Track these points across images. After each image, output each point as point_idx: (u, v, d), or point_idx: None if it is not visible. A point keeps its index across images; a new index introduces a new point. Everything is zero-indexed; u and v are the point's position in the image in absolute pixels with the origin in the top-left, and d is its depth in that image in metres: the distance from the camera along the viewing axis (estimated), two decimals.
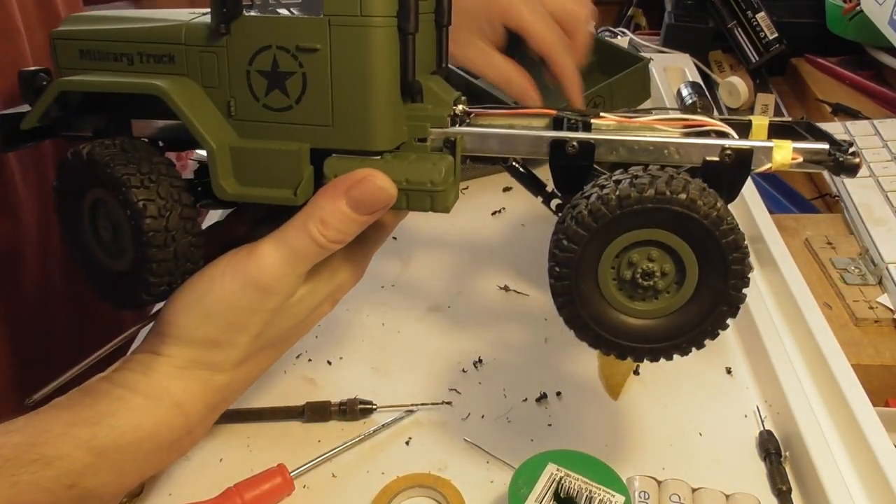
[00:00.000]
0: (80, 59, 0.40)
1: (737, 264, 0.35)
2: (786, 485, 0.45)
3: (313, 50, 0.37)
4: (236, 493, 0.45)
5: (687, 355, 0.38)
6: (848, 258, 0.63)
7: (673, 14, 1.02)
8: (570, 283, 0.36)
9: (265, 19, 0.37)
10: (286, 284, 0.39)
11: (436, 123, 0.40)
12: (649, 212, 0.34)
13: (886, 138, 0.74)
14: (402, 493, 0.45)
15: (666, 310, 0.37)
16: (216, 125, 0.38)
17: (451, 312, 0.60)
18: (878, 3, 0.82)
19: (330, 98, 0.37)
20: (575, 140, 0.38)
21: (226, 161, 0.39)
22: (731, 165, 0.37)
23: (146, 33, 0.39)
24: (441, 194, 0.38)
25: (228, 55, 0.38)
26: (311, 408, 0.51)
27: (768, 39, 0.93)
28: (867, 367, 0.54)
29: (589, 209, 0.35)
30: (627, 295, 0.37)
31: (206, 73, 0.39)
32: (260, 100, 0.38)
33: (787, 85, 0.96)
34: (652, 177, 0.35)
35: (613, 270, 0.37)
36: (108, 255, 0.40)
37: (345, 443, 0.49)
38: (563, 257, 0.36)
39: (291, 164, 0.38)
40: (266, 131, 0.39)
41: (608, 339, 0.37)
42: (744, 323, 0.57)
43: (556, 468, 0.40)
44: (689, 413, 0.51)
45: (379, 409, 0.51)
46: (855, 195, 0.68)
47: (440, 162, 0.39)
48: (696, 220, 0.34)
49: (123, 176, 0.37)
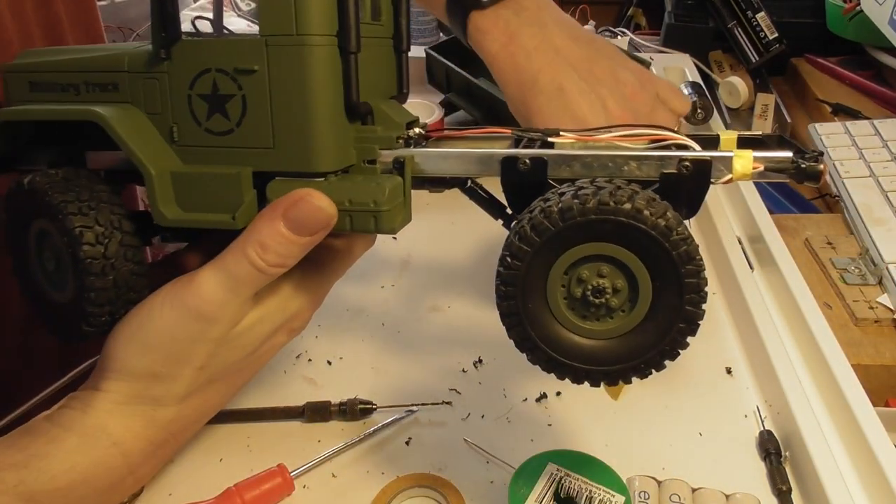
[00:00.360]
0: (31, 91, 0.41)
1: (691, 277, 0.33)
2: (786, 485, 0.45)
3: (251, 71, 0.36)
4: (236, 494, 0.45)
5: (646, 378, 0.35)
6: (848, 258, 0.63)
7: (673, 14, 1.02)
8: (516, 302, 0.35)
9: (204, 42, 0.37)
10: (228, 312, 0.37)
11: (384, 145, 0.39)
12: (594, 224, 0.33)
13: (886, 138, 0.74)
14: (402, 493, 0.45)
15: (620, 329, 0.35)
16: (157, 151, 0.38)
17: (451, 312, 0.60)
18: (878, 3, 0.82)
19: (270, 120, 0.37)
20: (527, 157, 0.37)
21: (166, 187, 0.38)
22: (690, 177, 0.36)
23: (91, 62, 0.39)
24: (386, 214, 0.37)
25: (170, 80, 0.38)
26: (311, 408, 0.51)
27: (768, 39, 0.93)
28: (867, 367, 0.54)
29: (531, 223, 0.33)
30: (579, 314, 0.35)
31: (148, 99, 0.38)
32: (202, 124, 0.38)
33: (788, 85, 0.96)
34: (597, 188, 0.33)
35: (563, 289, 0.35)
36: (53, 286, 0.40)
37: (345, 443, 0.49)
38: (508, 275, 0.35)
39: (233, 188, 0.37)
40: (209, 156, 0.38)
41: (561, 361, 0.35)
42: (744, 323, 0.57)
43: (556, 468, 0.40)
44: (689, 413, 0.51)
45: (379, 409, 0.51)
46: (855, 195, 0.68)
47: (386, 182, 0.37)
48: (644, 230, 0.32)
49: (61, 203, 0.37)
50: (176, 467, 0.49)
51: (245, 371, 0.42)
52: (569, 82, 0.49)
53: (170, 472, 0.48)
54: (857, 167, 0.72)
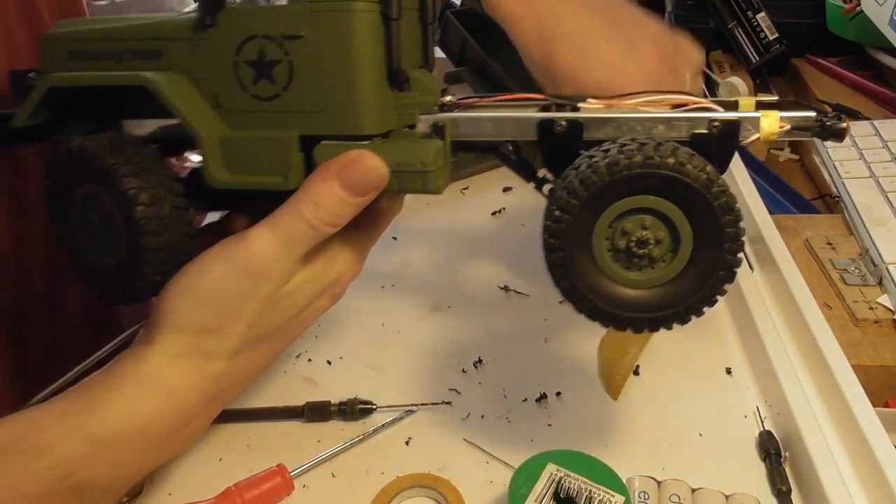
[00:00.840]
0: (69, 60, 0.41)
1: (730, 227, 0.35)
2: (785, 485, 0.45)
3: (298, 37, 0.37)
4: (236, 493, 0.45)
5: (686, 323, 0.37)
6: (848, 258, 0.63)
7: (673, 14, 1.02)
8: (563, 254, 0.36)
9: (250, 9, 0.37)
10: (279, 270, 0.38)
11: (424, 110, 0.40)
12: (639, 178, 0.34)
13: (886, 139, 0.74)
14: (401, 493, 0.45)
15: (662, 278, 0.37)
16: (203, 115, 0.38)
17: (451, 312, 0.60)
18: (878, 4, 0.82)
19: (317, 84, 0.37)
20: (563, 119, 0.38)
21: (215, 150, 0.39)
22: (719, 137, 0.37)
23: (134, 30, 0.39)
24: (432, 175, 0.38)
25: (215, 47, 0.38)
26: (311, 408, 0.51)
27: (768, 40, 0.92)
28: (867, 368, 0.54)
29: (579, 178, 0.35)
30: (623, 265, 0.37)
31: (193, 66, 0.39)
32: (248, 90, 0.38)
33: (788, 85, 0.96)
34: (641, 144, 0.34)
35: (608, 241, 0.36)
36: (102, 251, 0.40)
37: (345, 443, 0.49)
38: (556, 228, 0.36)
39: (281, 152, 0.38)
40: (255, 121, 0.38)
41: (606, 310, 0.37)
42: (744, 323, 0.57)
43: (555, 468, 0.40)
44: (689, 413, 0.51)
45: (379, 409, 0.51)
46: (855, 195, 0.68)
47: (430, 144, 0.39)
48: (687, 183, 0.34)
49: (113, 165, 0.37)
50: (176, 467, 0.49)
51: (289, 333, 0.42)
52: (595, 26, 0.47)
53: (169, 471, 0.48)
54: (857, 167, 0.72)
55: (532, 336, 0.58)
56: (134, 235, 0.38)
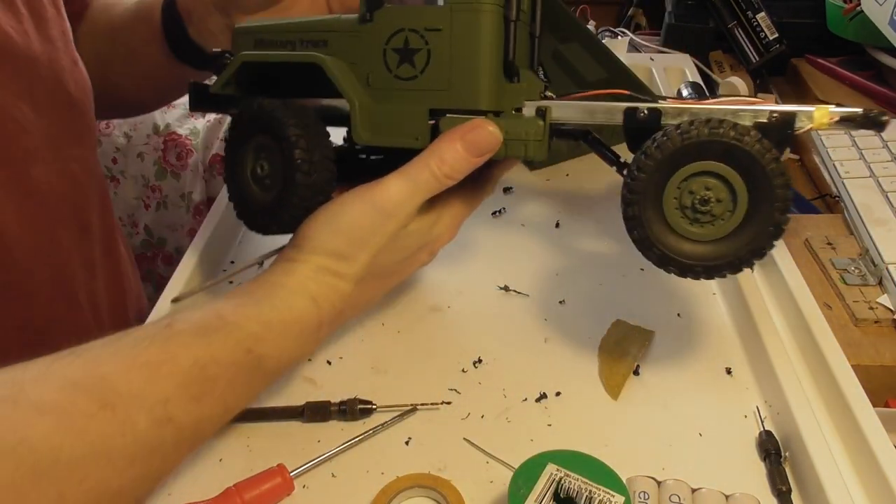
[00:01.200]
0: (255, 46, 0.52)
1: (781, 188, 0.41)
2: (786, 485, 0.45)
3: (438, 30, 0.46)
4: (236, 494, 0.45)
5: (738, 272, 0.44)
6: (848, 258, 0.63)
7: (673, 14, 1.02)
8: (638, 207, 0.43)
9: (400, 8, 0.47)
10: (404, 212, 0.46)
11: (529, 97, 0.48)
12: (705, 145, 0.41)
13: (886, 138, 0.74)
14: (401, 493, 0.45)
15: (721, 233, 0.43)
16: (357, 90, 0.49)
17: (451, 312, 0.60)
18: (878, 4, 0.82)
19: (448, 68, 0.47)
20: (645, 108, 0.45)
21: (365, 116, 0.49)
22: (777, 125, 0.43)
23: (308, 25, 0.50)
24: (534, 144, 0.47)
25: (370, 37, 0.48)
26: (311, 408, 0.51)
27: (768, 39, 0.93)
28: (867, 368, 0.54)
29: (655, 144, 0.42)
30: (688, 220, 0.43)
31: (351, 52, 0.49)
32: (392, 71, 0.48)
33: (788, 85, 0.96)
34: (707, 119, 0.41)
35: (676, 200, 0.43)
36: (262, 189, 0.50)
37: (345, 443, 0.49)
38: (634, 184, 0.43)
39: (415, 121, 0.48)
40: (395, 96, 0.48)
41: (671, 257, 0.44)
42: (744, 323, 0.57)
43: (555, 468, 0.40)
44: (689, 413, 0.51)
45: (379, 409, 0.51)
46: (855, 195, 0.68)
47: (534, 120, 0.47)
48: (745, 150, 0.40)
49: (283, 118, 0.47)
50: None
51: (393, 277, 0.51)
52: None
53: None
54: (857, 167, 0.72)
55: (532, 336, 0.58)
56: (290, 173, 0.47)
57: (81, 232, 0.66)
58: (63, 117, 0.63)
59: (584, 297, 0.51)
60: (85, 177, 0.67)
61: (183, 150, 1.26)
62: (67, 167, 0.64)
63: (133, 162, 1.29)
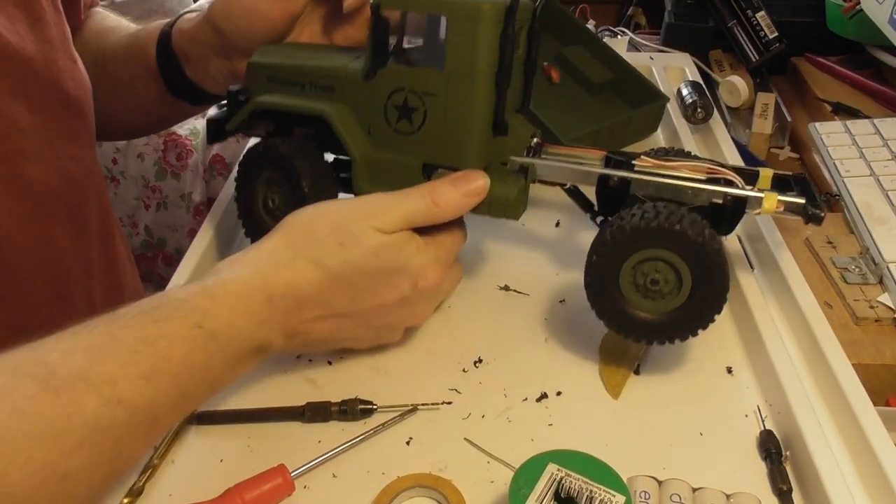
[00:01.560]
0: (267, 82, 0.56)
1: (721, 275, 0.47)
2: (786, 484, 0.45)
3: (434, 94, 0.50)
4: (237, 494, 0.45)
5: (686, 340, 0.50)
6: (848, 257, 0.63)
7: (673, 13, 1.02)
8: (598, 284, 0.49)
9: (402, 69, 0.51)
10: (388, 217, 0.48)
11: (516, 150, 0.53)
12: (653, 236, 0.46)
13: (887, 137, 0.74)
14: (402, 493, 0.45)
15: (669, 307, 0.49)
16: (359, 140, 0.53)
17: (451, 312, 0.60)
18: (878, 2, 0.82)
19: (441, 129, 0.51)
20: (616, 176, 0.51)
21: (364, 169, 0.54)
22: (731, 208, 0.50)
23: (315, 69, 0.54)
24: (513, 208, 0.52)
25: (373, 91, 0.52)
26: (312, 408, 0.51)
27: (768, 38, 0.92)
28: (868, 367, 0.54)
29: (611, 233, 0.47)
30: (641, 295, 0.49)
31: (356, 101, 0.53)
32: (391, 125, 0.52)
33: (788, 84, 0.96)
34: (657, 212, 0.46)
35: (631, 278, 0.49)
36: (273, 219, 0.56)
37: (345, 443, 0.49)
38: (594, 265, 0.49)
39: (410, 173, 0.52)
40: (393, 147, 0.53)
41: (628, 326, 0.50)
42: (744, 323, 0.57)
43: (556, 468, 0.40)
44: (689, 413, 0.51)
45: (379, 409, 0.51)
46: (855, 194, 0.68)
47: (515, 184, 0.52)
48: (690, 241, 0.46)
49: (295, 158, 0.53)
50: (176, 468, 0.49)
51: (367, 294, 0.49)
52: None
53: (170, 472, 0.48)
54: (857, 166, 0.72)
55: (532, 336, 0.58)
56: (298, 201, 0.53)
57: (78, 231, 0.66)
58: (59, 116, 0.63)
59: (584, 296, 0.51)
60: (82, 176, 0.66)
61: (183, 151, 1.26)
62: (64, 166, 0.63)
63: (133, 162, 1.29)
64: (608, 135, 0.75)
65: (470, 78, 0.49)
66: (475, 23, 0.47)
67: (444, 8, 0.48)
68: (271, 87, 0.55)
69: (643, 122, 0.79)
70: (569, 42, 0.84)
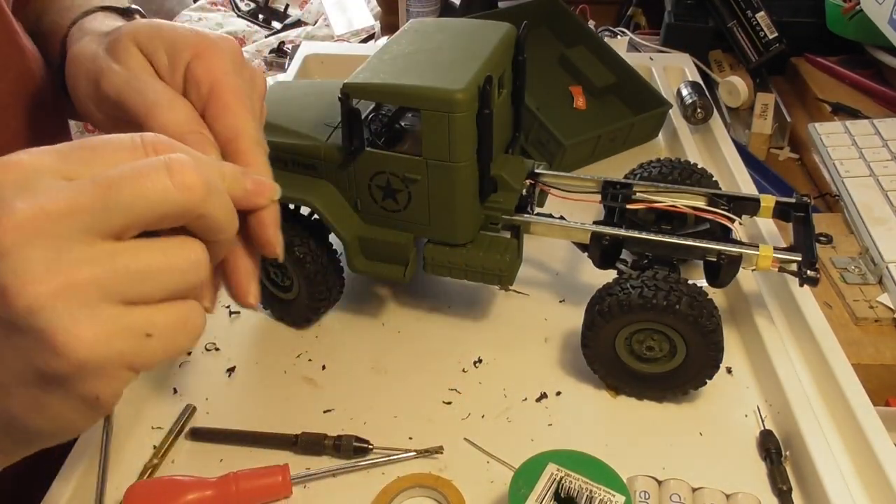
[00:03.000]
0: None
1: (716, 345, 0.48)
2: (786, 484, 0.45)
3: (415, 180, 0.49)
4: (233, 480, 0.45)
5: (675, 396, 0.51)
6: (848, 257, 0.63)
7: (673, 14, 1.02)
8: (593, 350, 0.51)
9: (380, 154, 0.49)
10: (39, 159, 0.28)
11: (505, 212, 0.53)
12: (653, 310, 0.47)
13: (886, 137, 0.74)
14: (402, 493, 0.45)
15: (663, 370, 0.50)
16: (347, 219, 0.52)
17: (451, 312, 0.60)
18: (877, 3, 0.82)
19: (426, 209, 0.50)
20: (608, 235, 0.52)
21: (356, 248, 0.53)
22: (726, 264, 0.50)
23: (297, 148, 0.52)
24: (507, 276, 0.52)
25: (355, 173, 0.51)
26: (306, 440, 0.49)
27: (768, 39, 0.92)
28: (867, 367, 0.54)
29: (608, 305, 0.48)
30: (636, 359, 0.50)
31: (339, 181, 0.52)
32: (378, 203, 0.51)
33: (787, 84, 0.95)
34: (657, 288, 0.47)
35: (627, 345, 0.50)
36: (283, 290, 0.57)
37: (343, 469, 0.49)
38: (589, 334, 0.50)
39: (401, 248, 0.52)
40: (383, 222, 0.52)
41: (623, 387, 0.52)
42: (744, 323, 0.57)
43: (556, 468, 0.40)
44: (689, 413, 0.51)
45: (375, 449, 0.48)
46: (855, 194, 0.68)
47: (507, 252, 0.52)
48: (685, 317, 0.47)
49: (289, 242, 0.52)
50: (176, 468, 0.49)
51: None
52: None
53: (170, 472, 0.48)
54: (856, 166, 0.72)
55: (532, 336, 0.58)
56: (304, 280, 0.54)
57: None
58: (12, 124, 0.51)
59: (584, 296, 0.51)
60: None
61: None
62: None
63: None
64: (609, 139, 0.75)
65: (448, 165, 0.48)
66: (449, 114, 0.46)
67: (416, 101, 0.47)
68: None
69: (644, 128, 0.79)
70: (571, 44, 0.84)
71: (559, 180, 0.57)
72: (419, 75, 0.48)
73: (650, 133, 0.80)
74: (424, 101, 0.46)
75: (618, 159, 0.77)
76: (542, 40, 0.86)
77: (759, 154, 0.83)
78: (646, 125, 0.79)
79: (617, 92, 0.82)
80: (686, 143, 0.76)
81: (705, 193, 0.55)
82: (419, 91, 0.47)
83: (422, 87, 0.47)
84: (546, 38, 0.86)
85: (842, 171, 0.71)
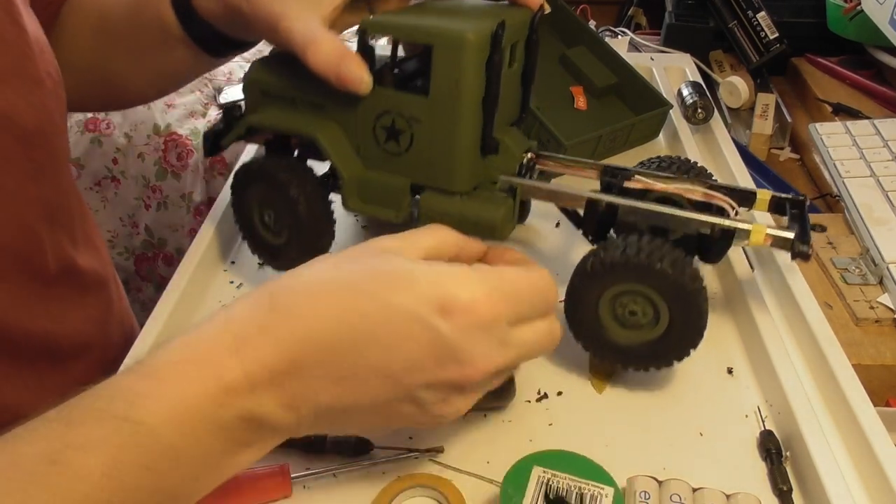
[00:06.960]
0: (262, 97, 0.55)
1: (700, 309, 0.47)
2: (787, 485, 0.45)
3: (419, 119, 0.50)
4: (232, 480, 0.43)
5: (661, 369, 0.51)
6: (849, 258, 0.63)
7: (673, 14, 1.02)
8: (576, 313, 0.50)
9: (387, 93, 0.50)
10: (401, 260, 0.39)
11: (506, 169, 0.53)
12: (634, 270, 0.47)
13: (887, 138, 0.74)
14: (402, 493, 0.45)
15: (646, 337, 0.49)
16: (348, 159, 0.53)
17: None
18: (878, 3, 0.82)
19: (428, 152, 0.50)
20: (604, 202, 0.51)
21: (353, 187, 0.54)
22: (719, 238, 0.50)
23: (308, 87, 0.52)
24: (500, 230, 0.52)
25: (362, 112, 0.51)
26: (306, 439, 0.48)
27: (769, 39, 0.92)
28: (868, 367, 0.54)
29: (591, 264, 0.48)
30: (619, 325, 0.50)
31: (345, 121, 0.52)
32: (380, 145, 0.52)
33: (788, 85, 0.96)
34: (639, 248, 0.46)
35: (610, 309, 0.49)
36: (270, 233, 0.58)
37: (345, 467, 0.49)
38: (573, 294, 0.49)
39: (397, 193, 0.52)
40: (382, 165, 0.53)
41: (606, 352, 0.51)
42: (744, 323, 0.57)
43: (542, 470, 0.40)
44: (689, 413, 0.51)
45: (375, 449, 0.48)
46: (856, 195, 0.68)
47: (502, 206, 0.52)
48: (670, 280, 0.46)
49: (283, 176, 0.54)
50: None
51: (362, 374, 0.37)
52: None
53: None
54: (857, 167, 0.72)
55: None
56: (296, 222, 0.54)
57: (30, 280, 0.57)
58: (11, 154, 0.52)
59: None
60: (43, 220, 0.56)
61: (184, 151, 1.26)
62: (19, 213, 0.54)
63: (133, 162, 1.29)
64: (609, 139, 0.75)
65: (454, 106, 0.48)
66: (459, 52, 0.47)
67: (429, 36, 0.48)
68: (265, 102, 0.55)
69: (645, 128, 0.79)
70: (573, 44, 0.84)
71: (559, 162, 0.58)
72: (436, 20, 0.50)
73: (651, 133, 0.80)
74: (437, 37, 0.47)
75: (618, 159, 0.77)
76: (543, 40, 0.85)
77: (760, 154, 0.83)
78: (646, 125, 0.79)
79: (617, 92, 0.82)
80: (687, 144, 0.76)
81: (703, 183, 0.55)
82: (433, 28, 0.48)
83: (436, 26, 0.48)
84: (547, 38, 0.86)
85: (842, 172, 0.71)
